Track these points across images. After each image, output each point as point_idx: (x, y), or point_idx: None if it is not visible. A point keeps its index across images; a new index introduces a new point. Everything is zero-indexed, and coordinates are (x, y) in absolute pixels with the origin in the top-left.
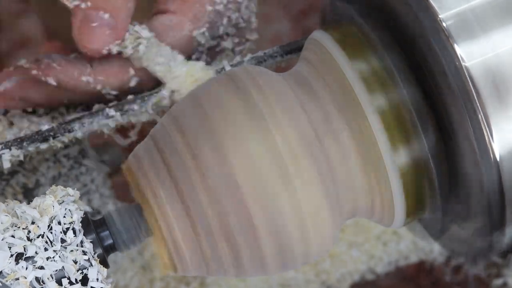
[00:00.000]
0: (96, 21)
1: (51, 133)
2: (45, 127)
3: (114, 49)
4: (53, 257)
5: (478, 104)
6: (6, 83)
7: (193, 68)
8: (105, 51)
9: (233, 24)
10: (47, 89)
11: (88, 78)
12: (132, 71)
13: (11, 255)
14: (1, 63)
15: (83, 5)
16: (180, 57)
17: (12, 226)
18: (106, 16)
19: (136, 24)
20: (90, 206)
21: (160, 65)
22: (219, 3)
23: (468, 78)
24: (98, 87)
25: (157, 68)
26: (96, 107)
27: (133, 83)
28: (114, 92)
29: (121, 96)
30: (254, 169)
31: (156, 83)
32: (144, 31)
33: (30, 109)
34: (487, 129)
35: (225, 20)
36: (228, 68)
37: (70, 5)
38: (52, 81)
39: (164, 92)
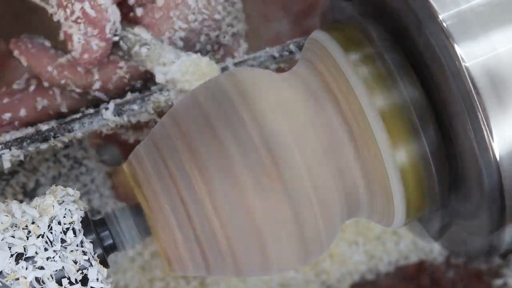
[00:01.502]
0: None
1: (51, 133)
2: (45, 127)
3: (107, 50)
4: (53, 257)
5: (478, 104)
6: None
7: (198, 64)
8: (97, 57)
9: (213, 41)
10: (31, 108)
11: (53, 70)
12: (96, 76)
13: (11, 255)
14: (1, 63)
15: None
16: (184, 55)
17: (12, 226)
18: (82, 27)
19: (135, 27)
20: (90, 206)
21: (164, 66)
22: (193, 21)
23: (468, 78)
24: (62, 81)
25: (160, 69)
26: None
27: (96, 86)
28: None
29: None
30: (254, 168)
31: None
32: (144, 33)
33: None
34: (487, 129)
35: (202, 38)
36: (232, 67)
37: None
38: (23, 62)
39: (171, 94)
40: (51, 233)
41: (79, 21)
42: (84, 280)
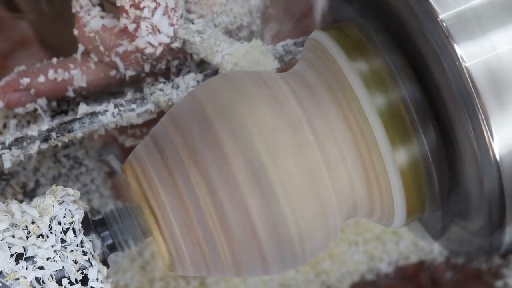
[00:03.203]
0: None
1: (51, 133)
2: (45, 127)
3: (165, 40)
4: (53, 257)
5: (478, 104)
6: (6, 77)
7: (252, 52)
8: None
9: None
10: (51, 79)
11: (89, 19)
12: (125, 43)
13: (11, 255)
14: (1, 63)
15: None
16: (238, 43)
17: (12, 226)
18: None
19: (188, 15)
20: (90, 206)
21: (218, 54)
22: (231, 24)
23: (468, 78)
24: (91, 34)
25: (214, 57)
26: (102, 106)
27: (119, 50)
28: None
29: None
30: (255, 170)
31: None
32: (198, 21)
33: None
34: (487, 129)
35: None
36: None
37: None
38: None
39: (173, 94)
40: (51, 233)
41: (147, 9)
42: (84, 280)
